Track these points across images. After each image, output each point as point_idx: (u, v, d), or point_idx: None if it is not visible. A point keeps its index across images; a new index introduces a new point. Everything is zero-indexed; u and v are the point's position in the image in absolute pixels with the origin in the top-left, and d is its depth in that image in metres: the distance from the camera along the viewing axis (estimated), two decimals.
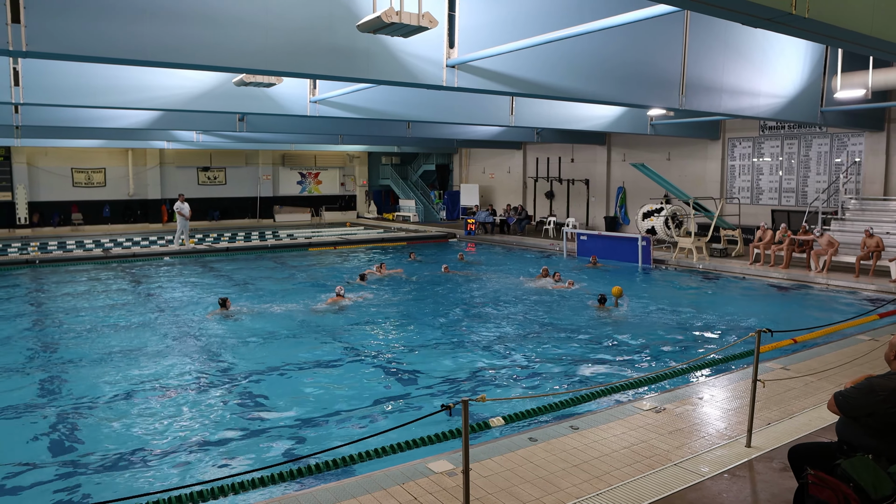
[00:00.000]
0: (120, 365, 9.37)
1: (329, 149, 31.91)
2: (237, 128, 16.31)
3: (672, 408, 6.69)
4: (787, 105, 12.52)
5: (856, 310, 12.11)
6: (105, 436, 6.87)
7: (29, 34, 6.03)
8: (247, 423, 7.23)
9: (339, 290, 13.46)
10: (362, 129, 19.42)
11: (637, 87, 10.03)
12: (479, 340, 10.75)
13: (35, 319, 12.47)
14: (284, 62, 7.28)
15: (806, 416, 6.47)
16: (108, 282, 16.65)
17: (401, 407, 7.74)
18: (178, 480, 5.82)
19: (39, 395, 8.21)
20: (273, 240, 25.50)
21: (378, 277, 16.17)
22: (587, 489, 4.98)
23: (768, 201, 20.26)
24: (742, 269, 16.73)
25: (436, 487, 4.98)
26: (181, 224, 22.29)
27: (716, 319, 12.15)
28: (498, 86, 8.69)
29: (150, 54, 6.62)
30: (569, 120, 14.90)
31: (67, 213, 28.94)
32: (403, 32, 6.55)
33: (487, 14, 8.19)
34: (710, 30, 10.49)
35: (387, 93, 11.84)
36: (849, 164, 17.94)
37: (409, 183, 35.71)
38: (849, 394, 4.04)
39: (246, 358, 9.75)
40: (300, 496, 4.92)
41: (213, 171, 32.09)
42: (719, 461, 5.45)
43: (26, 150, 27.50)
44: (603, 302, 12.68)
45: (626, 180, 24.56)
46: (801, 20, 4.63)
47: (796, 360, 8.43)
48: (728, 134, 21.13)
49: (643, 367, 9.22)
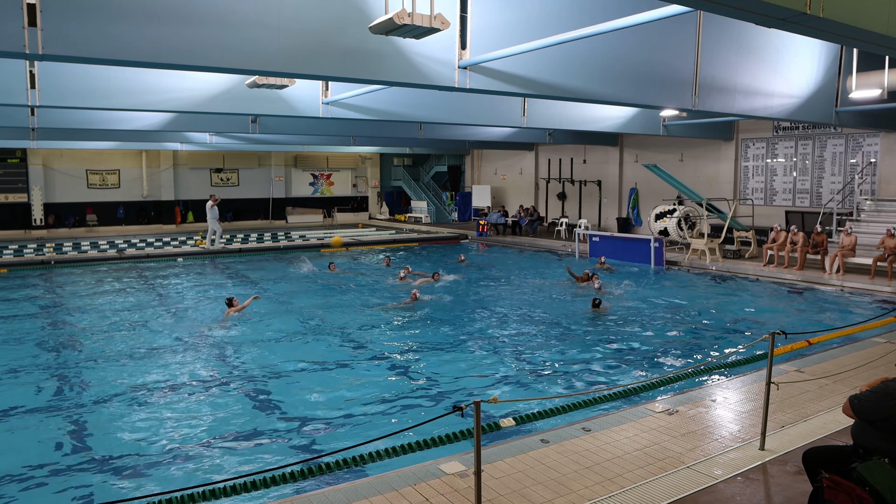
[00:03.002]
0: (133, 364, 9.44)
1: (341, 150, 31.99)
2: (250, 129, 16.41)
3: (685, 410, 6.66)
4: (802, 105, 12.42)
5: (871, 312, 11.99)
6: (118, 434, 6.92)
7: (45, 38, 6.09)
8: (259, 423, 7.26)
9: (416, 294, 13.76)
10: (374, 130, 19.46)
11: (650, 88, 9.98)
12: (491, 341, 10.74)
13: (49, 319, 12.59)
14: (297, 64, 7.31)
15: (820, 419, 6.41)
16: (122, 282, 16.78)
17: (413, 408, 7.75)
18: (190, 479, 5.85)
19: (53, 394, 8.28)
20: (285, 241, 25.60)
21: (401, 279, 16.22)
22: (599, 491, 4.97)
23: (782, 202, 20.11)
24: (755, 270, 16.62)
25: (447, 489, 4.98)
26: (212, 224, 22.71)
27: (729, 321, 12.08)
28: (510, 87, 8.68)
29: (164, 57, 6.67)
30: (581, 121, 14.86)
31: (82, 215, 29.19)
32: (415, 34, 6.56)
33: (499, 15, 8.18)
34: (723, 30, 10.43)
35: (399, 94, 11.86)
36: (864, 164, 17.78)
37: (420, 184, 35.73)
38: (864, 397, 4.00)
39: (258, 358, 9.79)
40: (312, 496, 4.94)
41: (225, 172, 32.26)
42: (732, 464, 5.41)
43: (42, 152, 27.79)
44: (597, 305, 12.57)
45: (638, 181, 24.46)
46: (815, 20, 4.60)
47: (811, 362, 8.36)
48: (741, 134, 20.99)
49: (656, 369, 9.18)
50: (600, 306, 12.50)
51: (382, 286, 15.75)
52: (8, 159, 27.39)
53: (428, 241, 25.67)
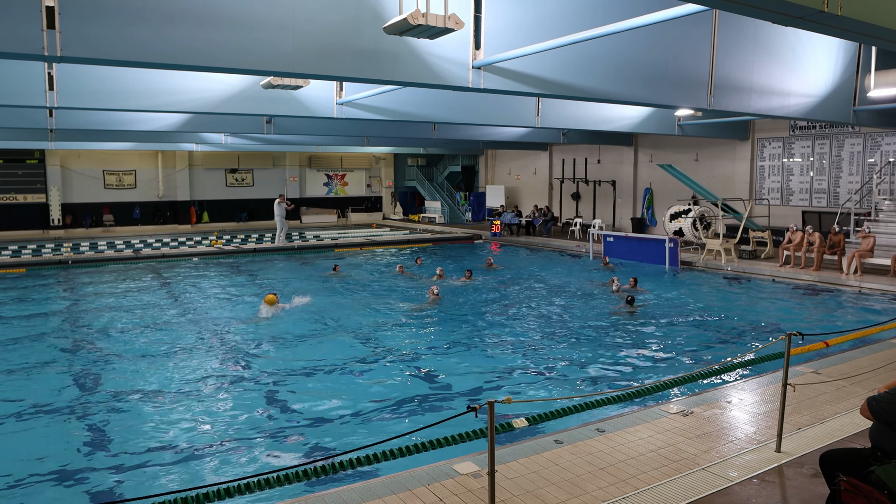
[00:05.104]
0: (147, 364, 9.52)
1: (355, 150, 32.09)
2: (265, 130, 16.50)
3: (700, 411, 6.61)
4: (819, 104, 12.29)
5: (890, 313, 11.85)
6: (132, 432, 6.97)
7: (63, 40, 6.16)
8: (273, 422, 7.30)
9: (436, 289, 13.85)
10: (388, 130, 19.51)
11: (664, 88, 9.93)
12: (505, 342, 10.73)
13: (66, 319, 12.72)
14: (311, 65, 7.35)
15: (838, 421, 6.35)
16: (138, 282, 16.92)
17: (426, 407, 7.76)
18: (202, 478, 5.90)
19: (71, 392, 8.36)
20: (300, 241, 25.70)
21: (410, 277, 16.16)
22: (613, 493, 4.95)
23: (799, 202, 19.93)
24: (771, 271, 16.47)
25: (461, 489, 4.98)
26: (279, 222, 23.41)
27: (744, 322, 11.98)
28: (524, 87, 8.67)
29: (180, 58, 6.72)
30: (595, 121, 14.81)
31: (99, 215, 29.48)
32: (430, 34, 6.57)
33: (513, 15, 8.18)
34: (739, 28, 10.35)
35: (413, 94, 11.88)
36: (883, 164, 17.57)
37: (434, 184, 35.75)
38: (882, 399, 3.96)
39: (271, 357, 9.84)
40: (325, 496, 4.95)
41: (240, 172, 32.45)
42: (748, 466, 5.37)
43: (60, 153, 28.11)
44: (630, 302, 12.73)
45: (653, 181, 24.33)
46: (833, 18, 4.56)
47: (828, 363, 8.27)
48: (757, 134, 20.82)
49: (670, 370, 9.12)
50: (633, 303, 12.70)
51: (399, 287, 15.78)
52: (27, 160, 27.73)
53: (442, 241, 25.67)
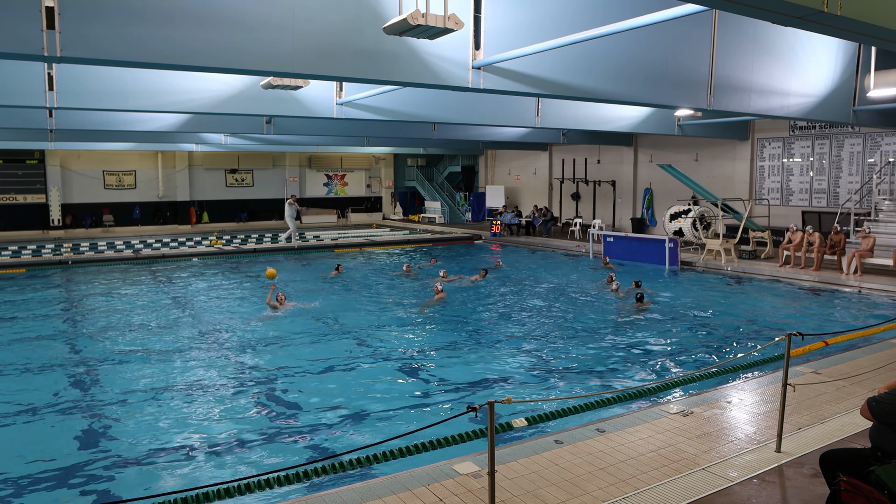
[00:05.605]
0: (147, 363, 9.51)
1: (355, 151, 32.09)
2: (264, 130, 16.51)
3: (700, 411, 6.61)
4: (819, 104, 12.29)
5: (889, 313, 11.85)
6: (132, 432, 6.97)
7: (63, 40, 6.16)
8: (273, 422, 7.29)
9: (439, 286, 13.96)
10: (388, 130, 19.51)
11: (664, 88, 9.93)
12: (505, 342, 10.73)
13: (66, 319, 12.71)
14: (311, 65, 7.35)
15: (838, 421, 6.35)
16: (137, 282, 16.92)
17: (426, 407, 7.75)
18: (202, 478, 5.89)
19: (71, 393, 8.36)
20: (300, 241, 25.69)
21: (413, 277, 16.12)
22: (613, 493, 4.95)
23: (798, 202, 19.93)
24: (771, 271, 16.48)
25: (461, 489, 4.98)
26: (290, 222, 23.71)
27: (744, 322, 11.98)
28: (524, 87, 8.67)
29: (180, 58, 6.72)
30: (595, 121, 14.81)
31: (99, 215, 29.48)
32: (429, 34, 6.57)
33: (513, 15, 8.18)
34: (738, 29, 10.35)
35: (412, 94, 11.88)
36: (882, 164, 17.57)
37: (434, 184, 35.75)
38: (882, 399, 3.96)
39: (272, 357, 9.83)
40: (325, 496, 4.95)
41: (240, 172, 32.45)
42: (748, 466, 5.37)
43: (60, 154, 28.11)
44: (640, 300, 12.87)
45: (653, 181, 24.33)
46: (833, 18, 4.56)
47: (828, 364, 8.27)
48: (757, 134, 20.83)
49: (670, 370, 9.13)
50: (643, 300, 12.85)
51: (402, 287, 15.77)
52: (26, 160, 27.73)
53: (441, 241, 25.66)
